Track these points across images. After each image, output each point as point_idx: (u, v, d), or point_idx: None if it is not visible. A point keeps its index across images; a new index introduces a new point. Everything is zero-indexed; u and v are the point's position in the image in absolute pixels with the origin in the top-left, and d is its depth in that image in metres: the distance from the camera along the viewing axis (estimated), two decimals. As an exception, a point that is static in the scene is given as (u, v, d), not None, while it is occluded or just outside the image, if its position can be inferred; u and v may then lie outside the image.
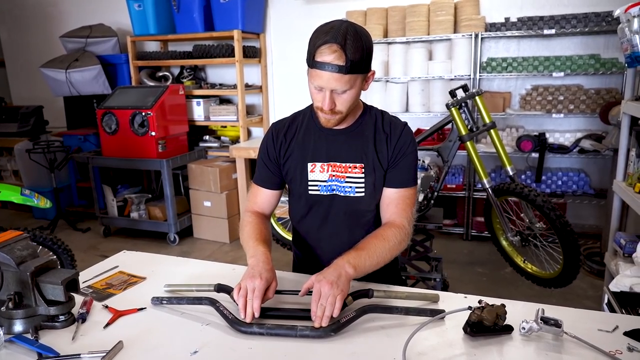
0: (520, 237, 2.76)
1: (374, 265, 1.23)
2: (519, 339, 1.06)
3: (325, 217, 1.40)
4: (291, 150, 1.39)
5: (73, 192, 5.11)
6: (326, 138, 1.36)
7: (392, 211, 1.35)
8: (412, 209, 1.36)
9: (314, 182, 1.38)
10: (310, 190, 1.38)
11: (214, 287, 1.25)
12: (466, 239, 4.11)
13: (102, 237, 4.43)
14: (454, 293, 1.28)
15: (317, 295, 1.10)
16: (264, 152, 1.43)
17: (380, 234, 1.29)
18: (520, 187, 2.59)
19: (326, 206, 1.39)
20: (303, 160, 1.37)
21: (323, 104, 1.23)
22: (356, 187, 1.35)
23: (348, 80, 1.18)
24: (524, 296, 3.09)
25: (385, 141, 1.34)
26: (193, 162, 4.30)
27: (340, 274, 1.14)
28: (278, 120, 1.45)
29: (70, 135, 4.90)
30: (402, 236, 1.29)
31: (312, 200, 1.40)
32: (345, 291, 1.12)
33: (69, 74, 4.49)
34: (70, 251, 2.93)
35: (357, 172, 1.34)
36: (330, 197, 1.38)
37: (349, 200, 1.36)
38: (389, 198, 1.36)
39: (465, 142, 2.70)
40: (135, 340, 1.09)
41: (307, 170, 1.37)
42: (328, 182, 1.36)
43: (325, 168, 1.36)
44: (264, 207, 1.46)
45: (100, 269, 1.50)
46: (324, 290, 1.09)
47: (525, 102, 3.90)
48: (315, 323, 1.07)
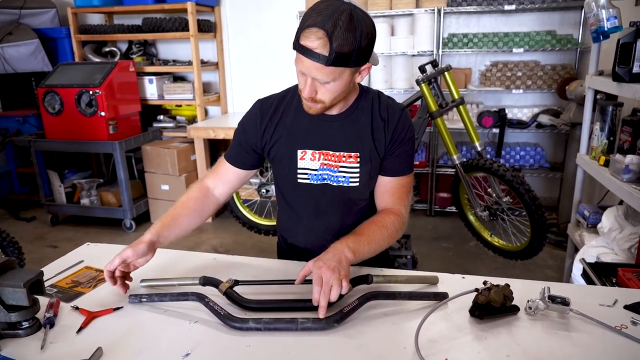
0: (489, 211, 2.80)
1: (372, 252, 1.17)
2: (526, 318, 1.04)
3: (316, 205, 1.31)
4: (278, 134, 1.27)
5: (13, 178, 4.71)
6: (319, 124, 1.25)
7: (389, 200, 1.28)
8: (408, 196, 1.30)
9: (303, 171, 1.28)
10: (299, 178, 1.28)
11: (199, 281, 1.14)
12: (429, 214, 4.17)
13: (49, 226, 4.12)
14: (451, 274, 1.25)
15: (318, 282, 1.01)
16: (242, 131, 1.32)
17: (379, 220, 1.22)
18: (490, 162, 2.62)
19: (317, 195, 1.30)
20: (292, 147, 1.27)
21: (303, 90, 1.13)
22: (350, 177, 1.26)
23: (331, 72, 1.07)
24: (489, 269, 3.18)
25: (382, 128, 1.25)
26: (148, 144, 4.05)
27: (340, 258, 1.06)
28: (264, 97, 1.33)
29: (6, 117, 4.47)
30: (399, 224, 1.23)
31: (301, 189, 1.30)
32: (348, 275, 1.05)
33: (2, 49, 4.06)
34: (16, 243, 2.68)
35: (351, 161, 1.25)
36: (322, 186, 1.28)
37: (342, 189, 1.28)
38: (384, 187, 1.29)
39: (436, 118, 2.68)
40: (116, 345, 0.97)
41: (297, 158, 1.27)
42: (319, 172, 1.27)
43: (317, 156, 1.26)
44: (221, 181, 1.34)
45: (63, 265, 1.35)
46: (325, 277, 1.00)
47: (485, 78, 3.95)
48: (319, 313, 0.99)
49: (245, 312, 1.08)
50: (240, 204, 3.27)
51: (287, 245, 1.43)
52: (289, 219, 1.39)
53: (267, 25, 4.29)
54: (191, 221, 1.28)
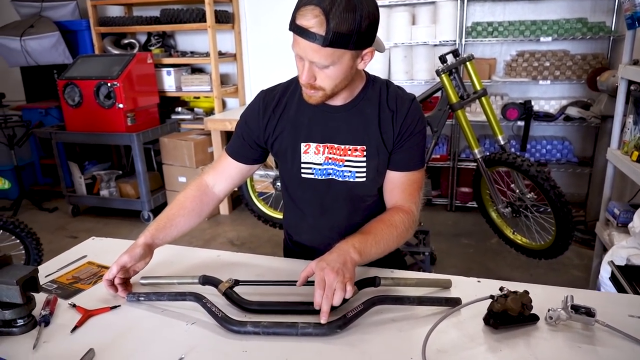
0: (511, 208, 2.69)
1: (379, 252, 1.10)
2: (546, 329, 0.95)
3: (321, 202, 1.25)
4: (281, 127, 1.21)
5: (37, 169, 4.79)
6: (322, 115, 1.18)
7: (398, 196, 1.20)
8: (419, 193, 1.21)
9: (307, 165, 1.21)
10: (303, 173, 1.22)
11: (198, 280, 1.10)
12: (450, 209, 4.05)
13: (70, 217, 4.18)
14: (466, 277, 1.17)
15: (320, 285, 0.95)
16: (244, 123, 1.26)
17: (388, 219, 1.14)
18: (513, 156, 2.50)
19: (321, 191, 1.23)
20: (295, 140, 1.20)
21: (301, 75, 1.06)
22: (356, 171, 1.19)
23: (329, 54, 0.99)
24: (511, 267, 3.06)
25: (390, 120, 1.17)
26: (165, 136, 4.05)
27: (345, 260, 0.99)
28: (268, 88, 1.26)
29: (30, 108, 4.55)
30: (409, 222, 1.15)
31: (305, 184, 1.23)
32: (353, 278, 0.98)
33: (24, 41, 4.12)
34: (34, 234, 2.71)
35: (357, 155, 1.18)
36: (326, 182, 1.21)
37: (348, 185, 1.21)
38: (393, 182, 1.21)
39: (456, 110, 2.57)
40: (109, 346, 0.93)
41: (300, 151, 1.20)
42: (324, 166, 1.20)
43: (321, 150, 1.19)
44: (221, 177, 1.28)
45: (66, 259, 1.33)
46: (328, 279, 0.94)
47: (510, 68, 3.79)
48: (321, 318, 0.93)
49: (245, 313, 1.03)
50: (255, 197, 3.23)
51: (293, 243, 1.37)
52: (294, 216, 1.33)
53: (285, 15, 4.17)
54: (188, 221, 1.23)
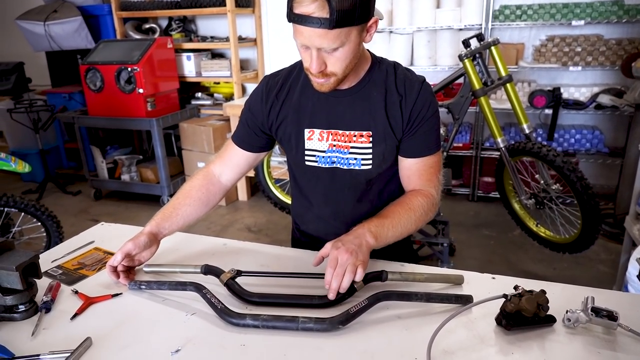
0: (535, 200, 2.58)
1: (397, 236, 1.07)
2: (563, 332, 0.89)
3: (325, 191, 1.21)
4: (285, 113, 1.17)
5: (61, 153, 4.89)
6: (326, 99, 1.13)
7: (416, 182, 1.15)
8: (438, 176, 1.17)
9: (311, 152, 1.17)
10: (307, 160, 1.18)
11: (200, 269, 1.07)
12: (472, 200, 3.95)
13: (93, 201, 4.25)
14: (480, 273, 1.10)
15: (332, 264, 0.94)
16: (248, 110, 1.22)
17: (406, 202, 1.11)
18: (538, 146, 2.39)
19: (325, 180, 1.19)
20: (299, 126, 1.16)
21: (310, 65, 1.00)
22: (362, 158, 1.14)
23: (337, 35, 0.94)
24: (533, 260, 2.96)
25: (399, 104, 1.11)
26: (185, 121, 4.06)
27: (360, 243, 0.98)
28: (272, 73, 1.22)
29: (54, 93, 4.62)
30: (429, 206, 1.12)
31: (309, 173, 1.20)
32: (366, 262, 0.97)
33: (47, 26, 4.16)
34: (55, 217, 2.75)
35: (363, 141, 1.13)
36: (331, 170, 1.17)
37: (353, 173, 1.16)
38: (409, 169, 1.16)
39: (479, 97, 2.47)
40: (107, 335, 0.92)
41: (304, 138, 1.16)
42: (327, 153, 1.15)
43: (325, 136, 1.14)
44: (227, 167, 1.25)
45: (74, 244, 1.32)
46: (341, 259, 0.94)
47: (539, 54, 3.63)
48: (329, 295, 0.94)
49: (246, 305, 1.00)
50: (272, 184, 3.21)
51: (300, 232, 1.34)
52: (300, 205, 1.29)
53: (306, -1, 4.12)
54: (195, 211, 1.21)
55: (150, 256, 1.14)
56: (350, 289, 0.98)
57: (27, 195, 4.32)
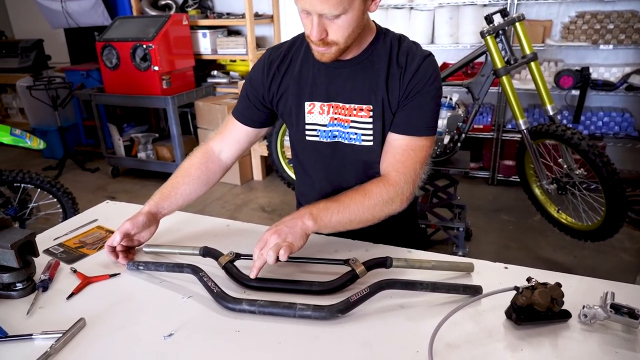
0: (557, 185, 2.48)
1: (345, 223, 1.00)
2: (578, 328, 0.83)
3: (326, 167, 1.16)
4: (285, 85, 1.12)
5: (80, 130, 4.94)
6: (326, 71, 1.08)
7: (389, 162, 1.07)
8: (416, 166, 1.05)
9: (312, 126, 1.12)
10: (307, 135, 1.13)
11: (199, 251, 1.04)
12: (492, 183, 3.84)
13: (110, 178, 4.29)
14: (492, 262, 1.05)
15: (261, 243, 0.94)
16: (248, 83, 1.17)
17: (364, 188, 1.03)
18: (562, 128, 2.28)
19: (328, 156, 1.14)
20: (299, 99, 1.11)
21: (311, 32, 0.94)
22: (362, 134, 1.08)
23: (339, 1, 0.88)
24: (554, 247, 2.86)
25: (398, 77, 1.04)
26: (200, 100, 4.03)
27: (295, 224, 0.96)
28: (275, 45, 1.17)
29: (72, 71, 4.63)
30: (390, 195, 1.02)
31: (310, 148, 1.15)
32: (296, 245, 0.93)
33: (64, 3, 4.15)
34: (70, 194, 2.77)
35: (363, 115, 1.07)
36: (332, 145, 1.12)
37: (355, 149, 1.11)
38: (389, 145, 1.08)
39: (501, 76, 2.36)
40: (101, 316, 0.90)
41: (304, 111, 1.11)
42: (329, 127, 1.10)
43: (326, 109, 1.09)
44: (227, 143, 1.21)
45: (77, 222, 1.31)
46: (269, 240, 0.94)
47: (568, 31, 3.45)
48: (250, 273, 0.93)
49: (244, 289, 0.96)
50: (285, 164, 3.17)
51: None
52: (303, 183, 1.26)
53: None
54: (194, 190, 1.17)
55: (150, 236, 1.12)
56: (352, 276, 0.93)
57: (47, 171, 4.39)
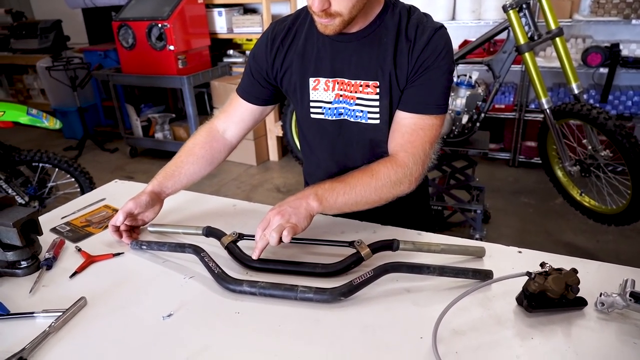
0: (580, 167, 2.38)
1: (350, 204, 0.97)
2: (594, 317, 0.78)
3: (332, 147, 1.12)
4: (289, 60, 1.08)
5: (99, 111, 4.99)
6: (331, 45, 1.03)
7: (398, 142, 1.02)
8: (426, 146, 1.01)
9: (317, 103, 1.08)
10: (312, 113, 1.09)
11: (202, 231, 1.02)
12: (512, 165, 3.74)
13: (128, 158, 4.34)
14: (505, 246, 1.00)
15: (264, 223, 0.92)
16: (252, 59, 1.13)
17: (371, 169, 1.00)
18: (587, 108, 2.18)
19: (333, 134, 1.10)
20: (304, 75, 1.07)
21: (312, 2, 0.89)
22: (369, 111, 1.04)
23: None
24: (575, 231, 2.78)
25: (407, 52, 0.98)
26: (216, 79, 4.00)
27: (299, 205, 0.93)
28: (279, 19, 1.12)
29: (90, 51, 4.67)
30: (399, 176, 0.99)
31: (315, 127, 1.11)
32: (299, 227, 0.91)
33: (81, -18, 4.15)
34: (87, 173, 2.80)
35: (369, 92, 1.02)
36: (338, 123, 1.08)
37: (361, 128, 1.06)
38: (397, 124, 1.03)
39: (524, 53, 2.25)
40: (102, 295, 0.89)
41: (309, 88, 1.07)
42: (334, 105, 1.06)
43: (331, 86, 1.05)
44: (232, 122, 1.17)
45: (85, 201, 1.31)
46: (272, 220, 0.91)
47: (598, 5, 3.27)
48: (253, 254, 0.92)
49: (246, 270, 0.94)
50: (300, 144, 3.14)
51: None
52: (309, 162, 1.23)
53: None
54: (198, 169, 1.14)
55: (154, 216, 1.11)
56: (357, 258, 0.90)
57: (68, 152, 4.46)
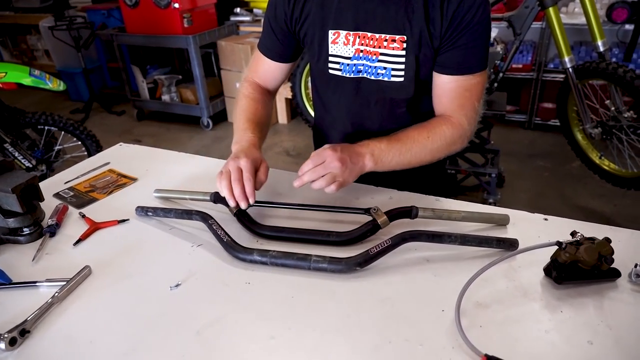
0: (602, 129, 2.29)
1: (403, 164, 0.95)
2: (628, 289, 0.73)
3: (349, 106, 1.06)
4: (307, 10, 1.00)
5: (105, 72, 4.89)
6: None
7: (446, 107, 0.98)
8: (475, 104, 0.98)
9: (335, 59, 1.01)
10: (330, 68, 1.03)
11: (210, 197, 0.98)
12: (528, 127, 3.63)
13: (135, 121, 4.28)
14: (530, 213, 0.94)
15: (319, 159, 0.86)
16: (272, 10, 1.06)
17: (427, 129, 0.96)
18: (613, 66, 2.06)
19: (349, 93, 1.04)
20: (323, 27, 0.99)
21: None
22: (392, 68, 0.97)
23: None
24: (592, 195, 2.71)
25: (440, 6, 0.90)
26: (223, 39, 3.87)
27: (357, 162, 0.89)
28: None
29: (93, 10, 4.53)
30: (455, 137, 0.97)
31: (332, 83, 1.05)
32: (348, 183, 0.89)
33: None
34: (94, 137, 2.76)
35: (395, 47, 0.94)
36: (356, 80, 1.02)
37: (381, 86, 1.00)
38: (441, 89, 0.97)
39: (547, 7, 2.12)
40: (108, 264, 0.86)
41: (328, 41, 1.00)
42: (353, 61, 0.99)
43: (351, 40, 0.97)
44: (266, 80, 1.14)
45: (89, 165, 1.26)
46: (329, 162, 0.86)
47: (626, -44, 3.07)
48: (294, 182, 0.87)
49: (257, 238, 0.90)
50: (310, 106, 3.06)
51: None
52: (322, 120, 1.17)
53: None
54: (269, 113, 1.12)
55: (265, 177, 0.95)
56: (373, 226, 0.85)
57: (75, 114, 4.41)
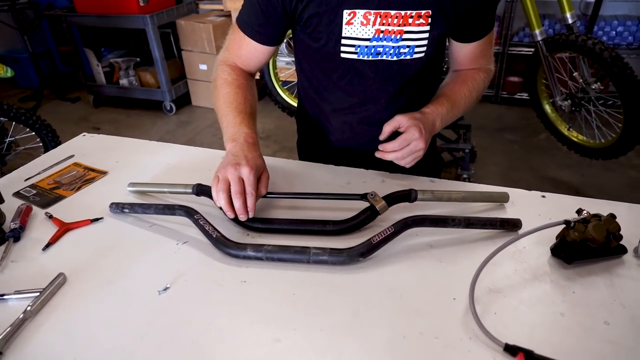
0: (571, 101, 2.32)
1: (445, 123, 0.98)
2: (635, 264, 0.72)
3: (359, 91, 0.99)
4: None
5: (55, 57, 4.59)
6: None
7: (481, 62, 1.03)
8: (492, 50, 1.05)
9: (350, 42, 0.90)
10: (343, 52, 0.92)
11: (192, 189, 0.90)
12: (495, 101, 3.67)
13: (92, 108, 4.05)
14: (527, 190, 0.92)
15: (404, 143, 0.87)
16: None
17: (469, 81, 1.00)
18: (582, 38, 2.08)
19: (364, 76, 0.96)
20: (335, 5, 0.87)
21: None
22: (416, 45, 0.90)
23: None
24: (560, 166, 2.78)
25: None
26: (182, 18, 3.69)
27: (432, 131, 0.92)
28: None
29: (37, -12, 4.19)
30: (486, 83, 1.04)
31: (345, 67, 0.95)
32: (423, 152, 0.90)
33: None
34: (49, 126, 2.57)
35: (421, 23, 0.88)
36: (373, 64, 0.93)
37: (402, 65, 0.93)
38: (470, 53, 1.00)
39: (518, -21, 2.10)
40: (84, 269, 0.77)
41: (342, 22, 0.88)
42: (372, 42, 0.90)
43: (372, 19, 0.87)
44: (249, 63, 1.02)
45: (50, 159, 1.15)
46: (414, 144, 0.87)
47: None
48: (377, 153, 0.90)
49: (247, 232, 0.84)
50: (279, 87, 2.96)
51: (313, 142, 1.14)
52: (319, 109, 1.07)
53: None
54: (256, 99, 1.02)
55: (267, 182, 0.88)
56: (372, 212, 0.81)
57: (25, 103, 4.13)
